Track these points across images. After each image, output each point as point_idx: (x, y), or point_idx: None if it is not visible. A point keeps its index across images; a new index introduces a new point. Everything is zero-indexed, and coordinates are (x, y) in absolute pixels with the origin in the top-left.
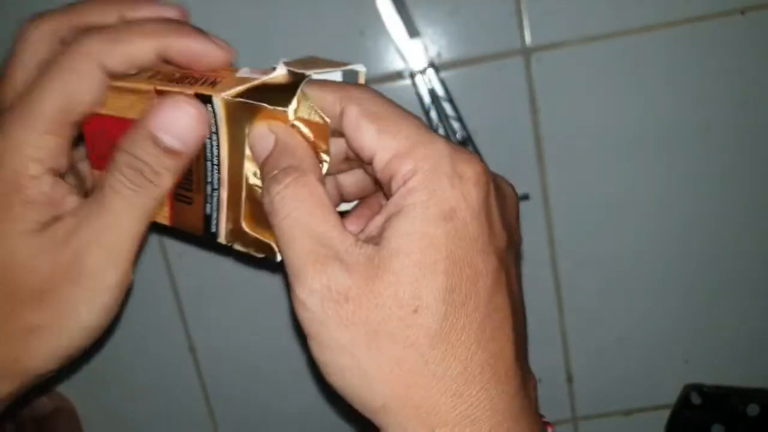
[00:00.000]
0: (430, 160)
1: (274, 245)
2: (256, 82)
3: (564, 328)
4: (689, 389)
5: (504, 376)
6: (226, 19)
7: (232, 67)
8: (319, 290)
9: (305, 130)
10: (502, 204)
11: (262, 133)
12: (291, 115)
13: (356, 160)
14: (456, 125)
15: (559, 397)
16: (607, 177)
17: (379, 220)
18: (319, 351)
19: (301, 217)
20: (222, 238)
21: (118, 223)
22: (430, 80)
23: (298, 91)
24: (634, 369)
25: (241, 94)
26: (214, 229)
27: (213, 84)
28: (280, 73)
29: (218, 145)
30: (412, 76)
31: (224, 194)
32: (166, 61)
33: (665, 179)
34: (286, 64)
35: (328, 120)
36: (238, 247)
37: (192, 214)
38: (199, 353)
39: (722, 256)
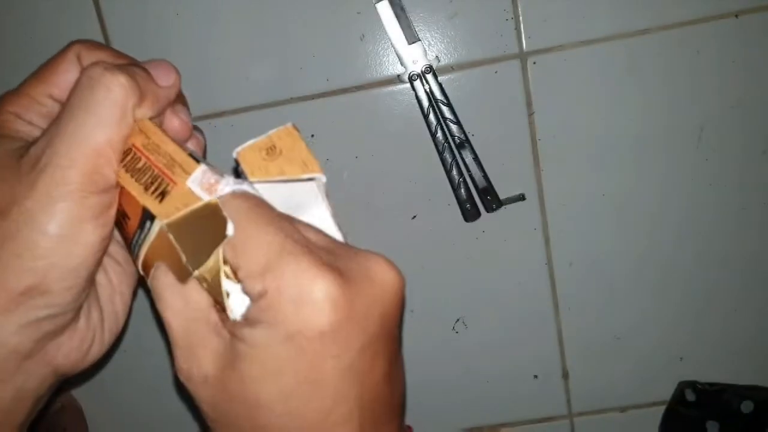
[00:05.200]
0: (279, 282)
1: None
2: (197, 206)
3: (560, 326)
4: (684, 386)
5: None
6: (228, 23)
7: (191, 155)
8: (186, 371)
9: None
10: (365, 303)
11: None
12: (194, 275)
13: None
14: (454, 128)
15: (555, 394)
16: (601, 178)
17: (246, 311)
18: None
19: (175, 303)
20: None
21: (74, 131)
22: (428, 84)
23: (214, 259)
24: (630, 366)
25: (174, 225)
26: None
27: (163, 194)
28: (224, 193)
29: (141, 244)
30: (411, 80)
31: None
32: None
33: (660, 180)
34: (240, 158)
35: (225, 292)
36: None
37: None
38: None
39: (716, 255)
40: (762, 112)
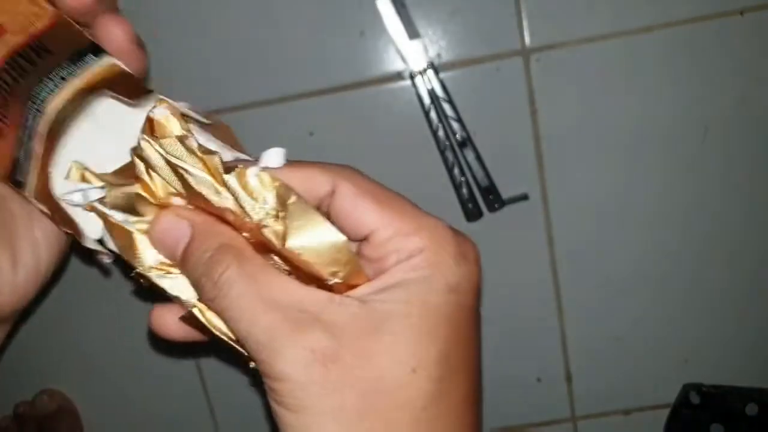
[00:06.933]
0: (436, 240)
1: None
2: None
3: (563, 328)
4: (688, 389)
5: None
6: (227, 19)
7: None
8: (302, 358)
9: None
10: None
11: (169, 222)
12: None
13: None
14: (455, 125)
15: (559, 397)
16: (605, 177)
17: (366, 290)
18: (298, 423)
19: (259, 292)
20: (29, 193)
21: None
22: (429, 81)
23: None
24: (634, 368)
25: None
26: (20, 179)
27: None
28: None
29: (53, 91)
30: (412, 76)
31: (39, 149)
32: None
33: (664, 179)
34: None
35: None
36: (42, 209)
37: (2, 148)
38: (199, 353)
39: (721, 256)
40: (766, 111)
